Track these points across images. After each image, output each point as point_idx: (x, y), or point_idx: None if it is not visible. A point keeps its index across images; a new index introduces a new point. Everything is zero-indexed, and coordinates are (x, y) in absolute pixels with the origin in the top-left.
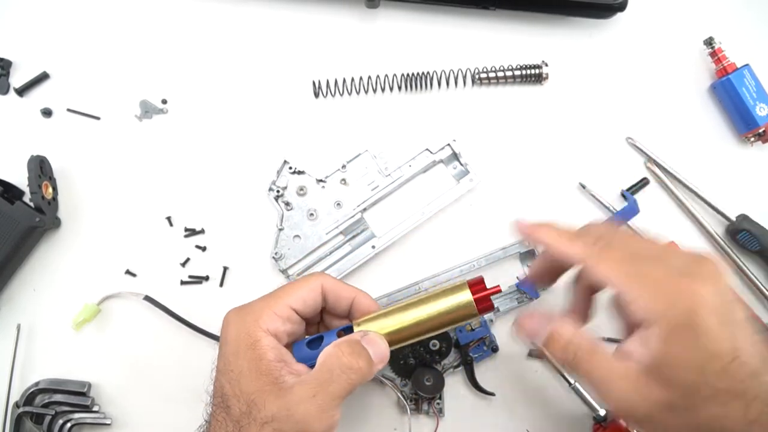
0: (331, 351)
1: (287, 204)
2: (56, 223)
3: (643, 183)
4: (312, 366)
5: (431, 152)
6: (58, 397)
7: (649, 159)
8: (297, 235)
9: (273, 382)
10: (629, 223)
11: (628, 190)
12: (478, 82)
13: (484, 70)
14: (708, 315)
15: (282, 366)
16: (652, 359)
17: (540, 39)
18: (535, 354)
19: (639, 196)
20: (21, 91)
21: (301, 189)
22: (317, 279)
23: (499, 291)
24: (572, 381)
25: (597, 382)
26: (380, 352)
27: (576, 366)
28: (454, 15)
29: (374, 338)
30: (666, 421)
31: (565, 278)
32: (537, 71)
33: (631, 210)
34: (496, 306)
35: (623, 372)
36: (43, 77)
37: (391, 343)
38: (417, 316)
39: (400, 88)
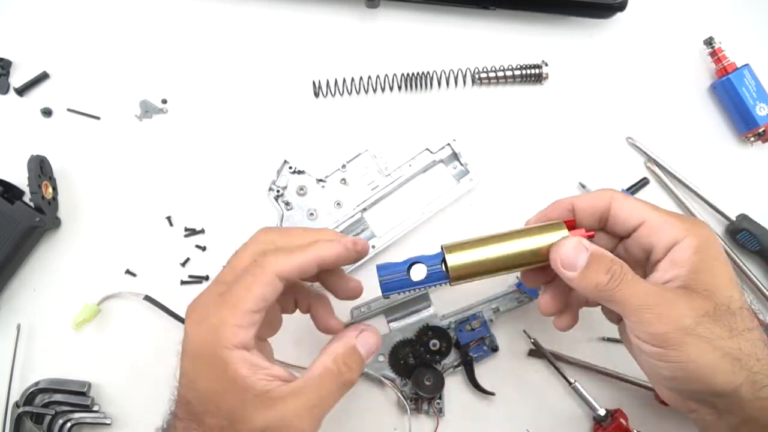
0: (330, 365)
1: (287, 204)
2: (56, 223)
3: (643, 183)
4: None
5: (431, 152)
6: (58, 397)
7: (649, 159)
8: None
9: (257, 394)
10: None
11: (628, 189)
12: (478, 82)
13: (484, 70)
14: (719, 243)
15: (261, 376)
16: (689, 271)
17: (540, 39)
18: (535, 354)
19: (639, 196)
20: (21, 91)
21: (301, 189)
22: (269, 268)
23: (593, 236)
24: (572, 381)
25: (644, 298)
26: (372, 346)
27: (614, 289)
28: (454, 15)
29: (367, 336)
30: (712, 331)
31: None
32: (537, 71)
33: None
34: (496, 306)
35: (670, 287)
36: (43, 77)
37: (473, 274)
38: (509, 250)
39: (400, 88)
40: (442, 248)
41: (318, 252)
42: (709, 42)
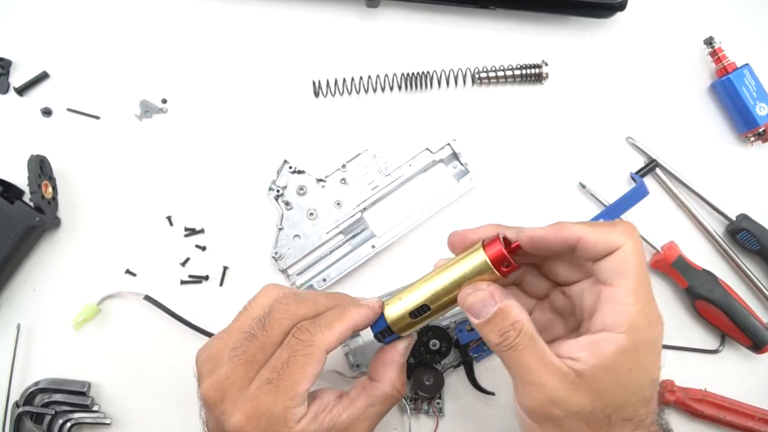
0: (388, 391)
1: (287, 204)
2: (56, 223)
3: (652, 165)
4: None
5: (431, 152)
6: (58, 397)
7: (649, 158)
8: (297, 235)
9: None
10: (637, 206)
11: (636, 172)
12: (478, 81)
13: (484, 69)
14: (660, 342)
15: (323, 417)
16: (597, 369)
17: (540, 39)
18: None
19: (647, 180)
20: (21, 91)
21: (301, 189)
22: (320, 345)
23: (519, 248)
24: None
25: (525, 371)
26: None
27: (510, 351)
28: (454, 15)
29: (396, 343)
30: (576, 428)
31: None
32: (537, 71)
33: (640, 192)
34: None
35: (559, 368)
36: (43, 77)
37: (414, 323)
38: (435, 289)
39: (400, 87)
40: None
41: (354, 319)
42: (709, 42)
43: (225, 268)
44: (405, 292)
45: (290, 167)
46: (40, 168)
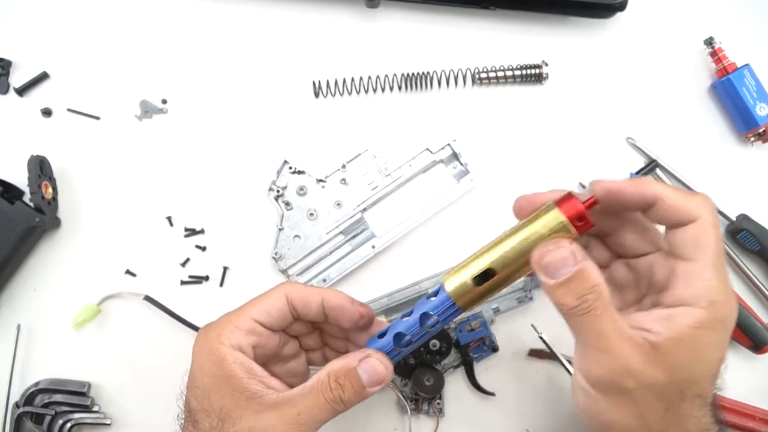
0: (322, 378)
1: (287, 204)
2: (56, 223)
3: (652, 166)
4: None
5: (431, 152)
6: (58, 397)
7: (649, 158)
8: (297, 235)
9: (250, 397)
10: None
11: (636, 173)
12: (478, 82)
13: (484, 70)
14: (734, 319)
15: (256, 381)
16: (673, 342)
17: (540, 39)
18: (535, 354)
19: None
20: (21, 91)
21: (301, 189)
22: (280, 289)
23: (596, 203)
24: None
25: (600, 337)
26: (376, 375)
27: (586, 315)
28: (454, 15)
29: (372, 363)
30: (648, 402)
31: None
32: (537, 71)
33: None
34: (496, 306)
35: (632, 337)
36: (43, 77)
37: (482, 294)
38: (504, 251)
39: (400, 88)
40: (442, 283)
41: (324, 293)
42: (709, 42)
43: (225, 269)
44: (467, 260)
45: (290, 167)
46: (40, 168)
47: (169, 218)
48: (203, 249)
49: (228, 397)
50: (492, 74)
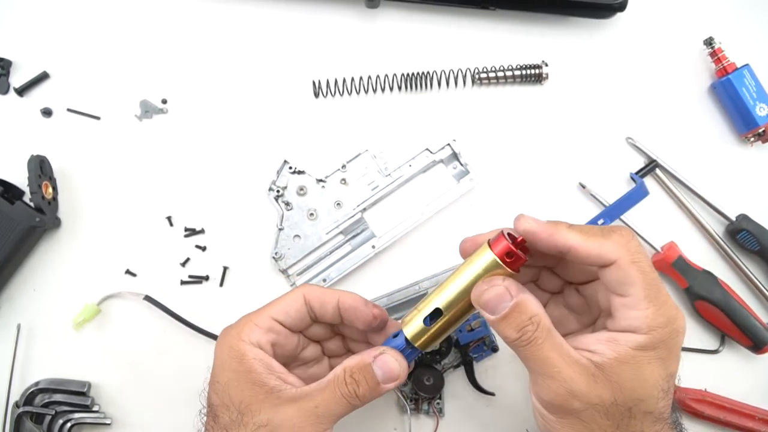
0: (338, 373)
1: (287, 204)
2: (56, 223)
3: (652, 166)
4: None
5: (431, 152)
6: (58, 397)
7: (649, 159)
8: (297, 235)
9: (268, 391)
10: (637, 206)
11: (636, 173)
12: (478, 82)
13: (484, 70)
14: (681, 336)
15: (275, 377)
16: (617, 362)
17: (540, 39)
18: None
19: (647, 180)
20: (21, 91)
21: (301, 189)
22: (299, 290)
23: (524, 241)
24: None
25: (545, 364)
26: (390, 372)
27: (529, 345)
28: (454, 15)
29: (386, 359)
30: (596, 420)
31: None
32: (537, 71)
33: (640, 192)
34: None
35: (577, 360)
36: (43, 77)
37: (434, 336)
38: (448, 293)
39: (400, 88)
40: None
41: (340, 294)
42: (709, 42)
43: (225, 269)
44: (421, 303)
45: (290, 167)
46: (40, 168)
47: (169, 218)
48: (203, 249)
49: (247, 391)
50: (492, 74)
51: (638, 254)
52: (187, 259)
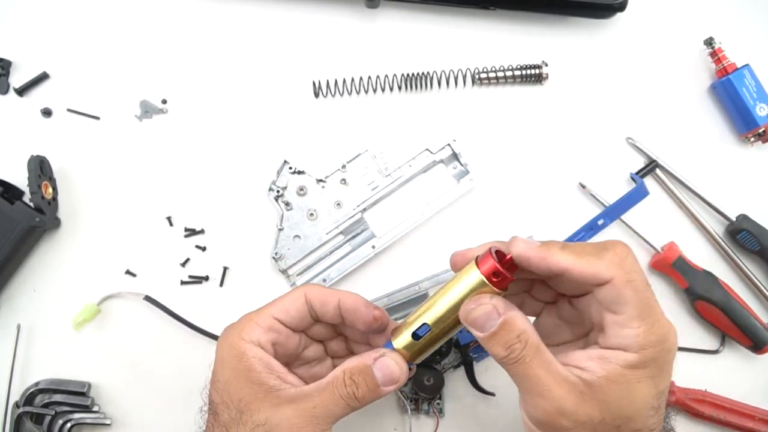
0: (338, 375)
1: (287, 204)
2: (56, 223)
3: (652, 166)
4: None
5: (431, 152)
6: (58, 397)
7: (649, 159)
8: (297, 235)
9: (268, 390)
10: (637, 206)
11: (636, 173)
12: (478, 82)
13: (484, 70)
14: (673, 353)
15: (274, 376)
16: (606, 380)
17: (540, 39)
18: None
19: (647, 181)
20: (21, 91)
21: (301, 189)
22: (300, 289)
23: (512, 260)
24: None
25: (534, 383)
26: (390, 374)
27: (516, 363)
28: (454, 15)
29: (386, 362)
30: None
31: None
32: (537, 71)
33: (640, 192)
34: None
35: (566, 378)
36: (43, 77)
37: (422, 349)
38: (436, 310)
39: (400, 88)
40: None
41: (341, 294)
42: (709, 42)
43: (225, 269)
44: (411, 317)
45: (290, 167)
46: (40, 168)
47: (169, 218)
48: (203, 249)
49: (247, 389)
50: (492, 74)
51: (633, 272)
52: (187, 259)
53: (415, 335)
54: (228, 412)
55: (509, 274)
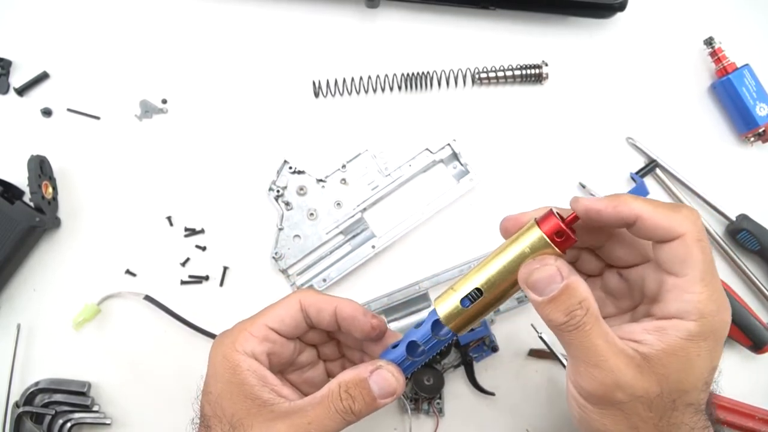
0: (333, 388)
1: (287, 204)
2: (56, 223)
3: (652, 166)
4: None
5: (431, 152)
6: (58, 397)
7: (649, 159)
8: (297, 235)
9: (261, 404)
10: None
11: (636, 173)
12: (478, 82)
13: (484, 70)
14: (728, 327)
15: (268, 389)
16: (665, 353)
17: (540, 39)
18: (535, 354)
19: (647, 180)
20: (21, 91)
21: (301, 189)
22: (295, 296)
23: (576, 218)
24: None
25: (591, 353)
26: (388, 387)
27: (576, 331)
28: (454, 15)
29: (383, 374)
30: (638, 413)
31: None
32: (537, 71)
33: (640, 192)
34: None
35: (623, 350)
36: (43, 77)
37: (472, 316)
38: (489, 272)
39: (400, 88)
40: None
41: (338, 302)
42: (709, 42)
43: (225, 269)
44: (457, 282)
45: (290, 167)
46: (40, 168)
47: (169, 218)
48: (203, 249)
49: (240, 403)
50: (492, 74)
51: (703, 233)
52: (187, 259)
53: (464, 301)
54: (221, 426)
55: (573, 234)
